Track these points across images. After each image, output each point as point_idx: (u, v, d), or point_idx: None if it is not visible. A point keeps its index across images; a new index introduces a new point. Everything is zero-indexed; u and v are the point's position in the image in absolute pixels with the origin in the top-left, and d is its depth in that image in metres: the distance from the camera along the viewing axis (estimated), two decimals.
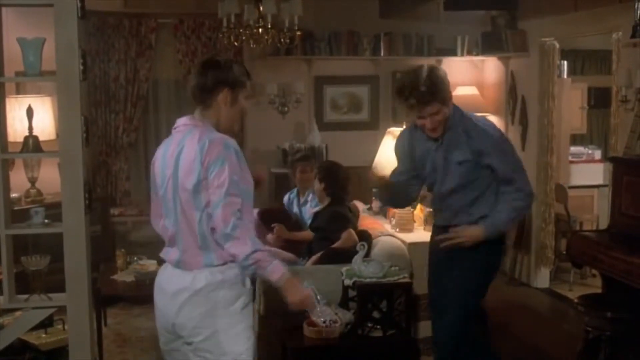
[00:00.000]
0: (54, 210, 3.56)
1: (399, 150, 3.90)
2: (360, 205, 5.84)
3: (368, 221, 5.49)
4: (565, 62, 7.96)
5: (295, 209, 5.75)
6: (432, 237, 3.99)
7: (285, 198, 5.89)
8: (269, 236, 5.36)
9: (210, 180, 2.71)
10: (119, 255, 5.56)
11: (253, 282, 5.08)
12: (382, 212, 5.77)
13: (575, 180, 7.47)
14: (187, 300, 2.80)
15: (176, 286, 2.84)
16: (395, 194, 3.92)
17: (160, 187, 2.90)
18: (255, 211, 6.10)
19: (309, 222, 5.41)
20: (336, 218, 5.05)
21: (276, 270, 2.77)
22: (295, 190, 5.84)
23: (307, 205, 5.61)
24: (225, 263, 2.79)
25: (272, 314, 4.80)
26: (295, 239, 5.37)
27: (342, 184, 5.22)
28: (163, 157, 2.89)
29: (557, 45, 6.73)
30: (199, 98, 2.86)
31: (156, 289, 2.97)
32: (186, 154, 2.77)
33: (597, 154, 7.95)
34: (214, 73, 2.83)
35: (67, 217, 3.26)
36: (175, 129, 2.93)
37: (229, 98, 2.85)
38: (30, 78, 3.49)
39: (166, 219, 2.90)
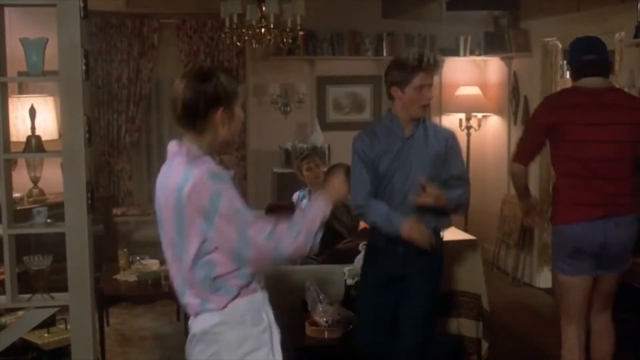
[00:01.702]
0: (56, 210, 3.57)
1: (366, 155, 3.67)
2: None
3: None
4: None
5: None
6: (368, 260, 3.88)
7: (295, 196, 5.82)
8: None
9: (217, 225, 2.32)
10: (122, 255, 5.57)
11: None
12: None
13: None
14: (193, 346, 2.50)
15: (190, 331, 2.52)
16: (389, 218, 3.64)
17: (159, 214, 2.51)
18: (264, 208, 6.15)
19: None
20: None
21: (316, 216, 2.42)
22: (306, 189, 5.75)
23: None
24: (225, 306, 2.41)
25: (274, 313, 4.81)
26: None
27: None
28: (159, 185, 2.51)
29: (560, 45, 6.72)
30: (188, 123, 2.44)
31: None
32: (168, 194, 2.41)
33: None
34: (202, 92, 2.38)
35: (70, 217, 3.27)
36: (168, 153, 2.55)
37: (226, 116, 2.43)
38: (32, 78, 3.50)
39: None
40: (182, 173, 2.36)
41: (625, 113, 3.75)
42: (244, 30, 6.20)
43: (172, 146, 2.50)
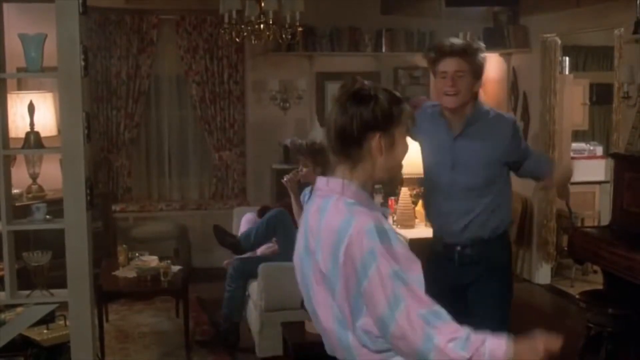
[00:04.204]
0: (55, 207, 3.57)
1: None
2: None
3: None
4: (567, 58, 7.93)
5: None
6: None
7: (302, 195, 5.75)
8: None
9: (365, 289, 1.94)
10: (121, 252, 5.57)
11: (254, 276, 5.13)
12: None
13: (577, 177, 7.42)
14: None
15: None
16: None
17: (301, 261, 2.15)
18: (255, 209, 6.13)
19: None
20: None
21: (496, 349, 1.91)
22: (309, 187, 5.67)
23: None
24: None
25: (274, 309, 4.82)
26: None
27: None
28: (304, 226, 2.14)
29: (559, 41, 6.72)
30: (342, 151, 2.07)
31: None
32: (325, 236, 2.04)
33: (599, 150, 7.94)
34: (357, 115, 2.02)
35: (69, 213, 3.27)
36: (317, 190, 2.16)
37: (384, 145, 2.04)
38: (31, 74, 3.50)
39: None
40: (341, 219, 2.01)
41: None
42: (242, 26, 6.18)
43: (323, 183, 2.12)
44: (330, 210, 2.03)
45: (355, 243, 1.94)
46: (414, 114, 2.14)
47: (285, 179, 5.24)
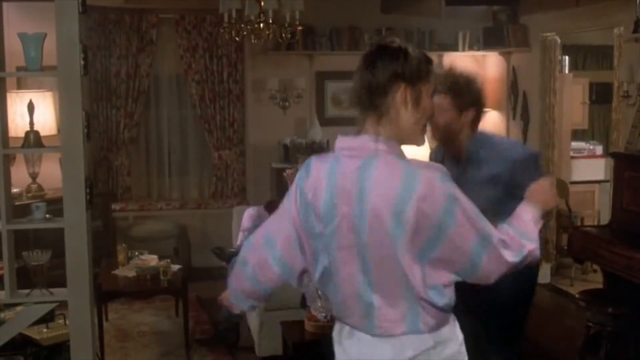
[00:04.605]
0: (55, 206, 3.57)
1: None
2: None
3: None
4: (567, 57, 7.95)
5: None
6: None
7: None
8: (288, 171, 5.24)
9: (451, 235, 1.97)
10: (120, 251, 5.57)
11: None
12: None
13: (577, 176, 7.47)
14: None
15: (375, 357, 2.10)
16: None
17: (325, 224, 2.07)
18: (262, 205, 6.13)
19: None
20: None
21: (530, 228, 2.16)
22: None
23: None
24: (437, 327, 2.08)
25: (274, 308, 4.82)
26: None
27: None
28: (329, 188, 2.06)
29: (559, 41, 6.72)
30: (368, 102, 2.07)
31: None
32: (378, 196, 1.97)
33: (599, 150, 7.95)
34: (385, 64, 2.03)
35: (69, 213, 3.26)
36: (342, 150, 2.11)
37: (409, 97, 2.04)
38: (31, 73, 3.49)
39: (326, 266, 2.11)
40: (398, 170, 1.98)
41: None
42: (242, 26, 6.18)
43: (358, 141, 2.08)
44: (380, 169, 1.99)
45: (428, 197, 1.94)
46: (436, 75, 2.15)
47: (286, 172, 5.31)
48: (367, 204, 1.98)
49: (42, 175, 6.32)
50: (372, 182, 1.98)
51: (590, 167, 7.62)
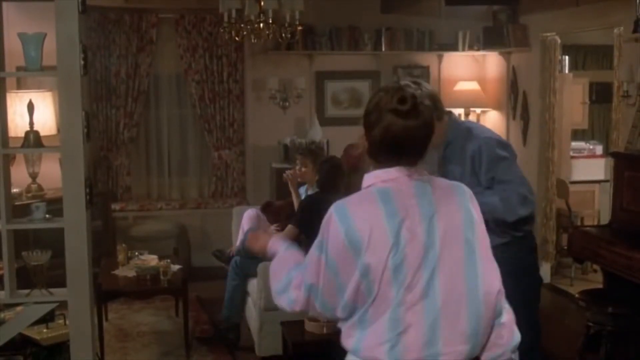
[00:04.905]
0: (55, 206, 3.57)
1: None
2: None
3: None
4: (567, 57, 7.95)
5: None
6: None
7: (301, 190, 5.77)
8: (272, 227, 5.32)
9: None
10: (120, 250, 5.57)
11: (254, 274, 5.12)
12: None
13: (577, 176, 7.47)
14: None
15: None
16: None
17: (418, 266, 2.02)
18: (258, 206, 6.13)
19: None
20: (303, 208, 5.02)
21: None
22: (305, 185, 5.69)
23: None
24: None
25: (274, 308, 4.81)
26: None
27: (330, 176, 5.06)
28: (411, 225, 2.02)
29: (559, 40, 6.72)
30: (422, 153, 2.09)
31: None
32: (448, 217, 2.06)
33: (599, 149, 7.95)
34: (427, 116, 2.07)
35: (68, 212, 3.26)
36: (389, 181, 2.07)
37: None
38: (31, 73, 3.49)
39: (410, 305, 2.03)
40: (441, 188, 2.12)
41: None
42: (242, 25, 6.18)
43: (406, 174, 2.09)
44: (436, 186, 2.10)
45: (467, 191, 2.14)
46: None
47: (286, 174, 5.33)
48: (444, 216, 2.12)
49: (42, 175, 6.32)
50: (440, 200, 2.13)
51: (590, 167, 7.62)
